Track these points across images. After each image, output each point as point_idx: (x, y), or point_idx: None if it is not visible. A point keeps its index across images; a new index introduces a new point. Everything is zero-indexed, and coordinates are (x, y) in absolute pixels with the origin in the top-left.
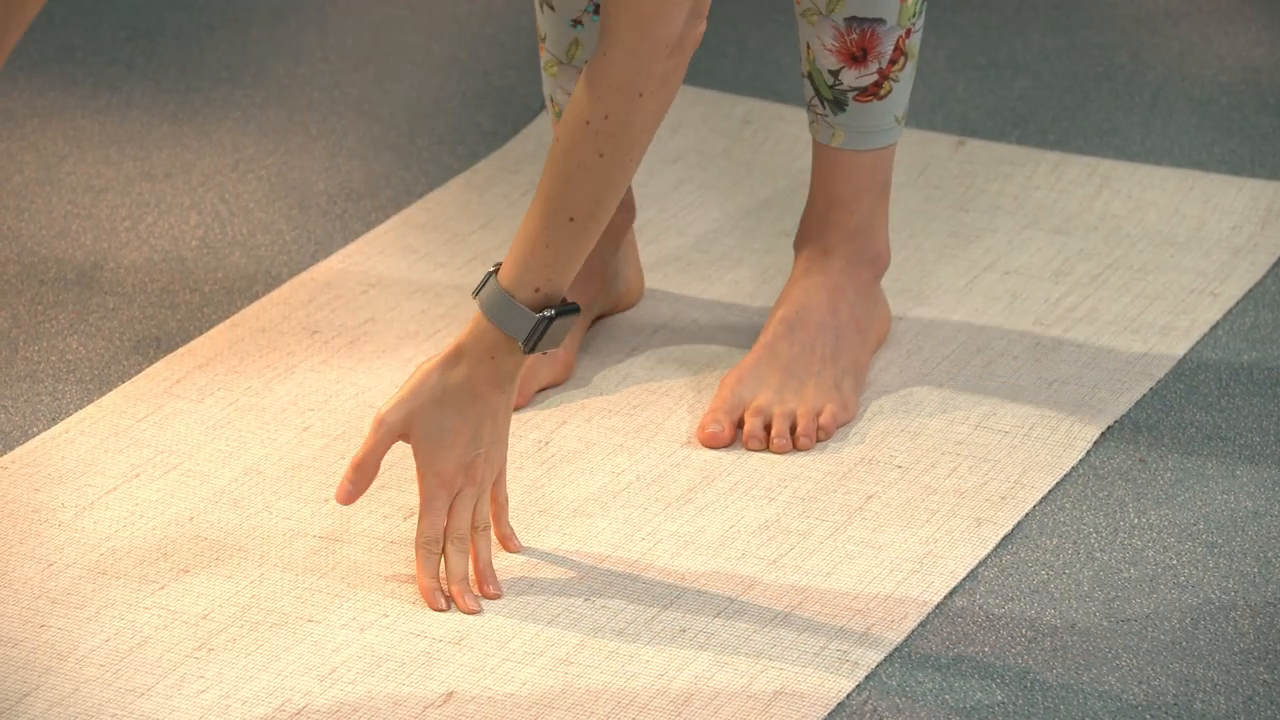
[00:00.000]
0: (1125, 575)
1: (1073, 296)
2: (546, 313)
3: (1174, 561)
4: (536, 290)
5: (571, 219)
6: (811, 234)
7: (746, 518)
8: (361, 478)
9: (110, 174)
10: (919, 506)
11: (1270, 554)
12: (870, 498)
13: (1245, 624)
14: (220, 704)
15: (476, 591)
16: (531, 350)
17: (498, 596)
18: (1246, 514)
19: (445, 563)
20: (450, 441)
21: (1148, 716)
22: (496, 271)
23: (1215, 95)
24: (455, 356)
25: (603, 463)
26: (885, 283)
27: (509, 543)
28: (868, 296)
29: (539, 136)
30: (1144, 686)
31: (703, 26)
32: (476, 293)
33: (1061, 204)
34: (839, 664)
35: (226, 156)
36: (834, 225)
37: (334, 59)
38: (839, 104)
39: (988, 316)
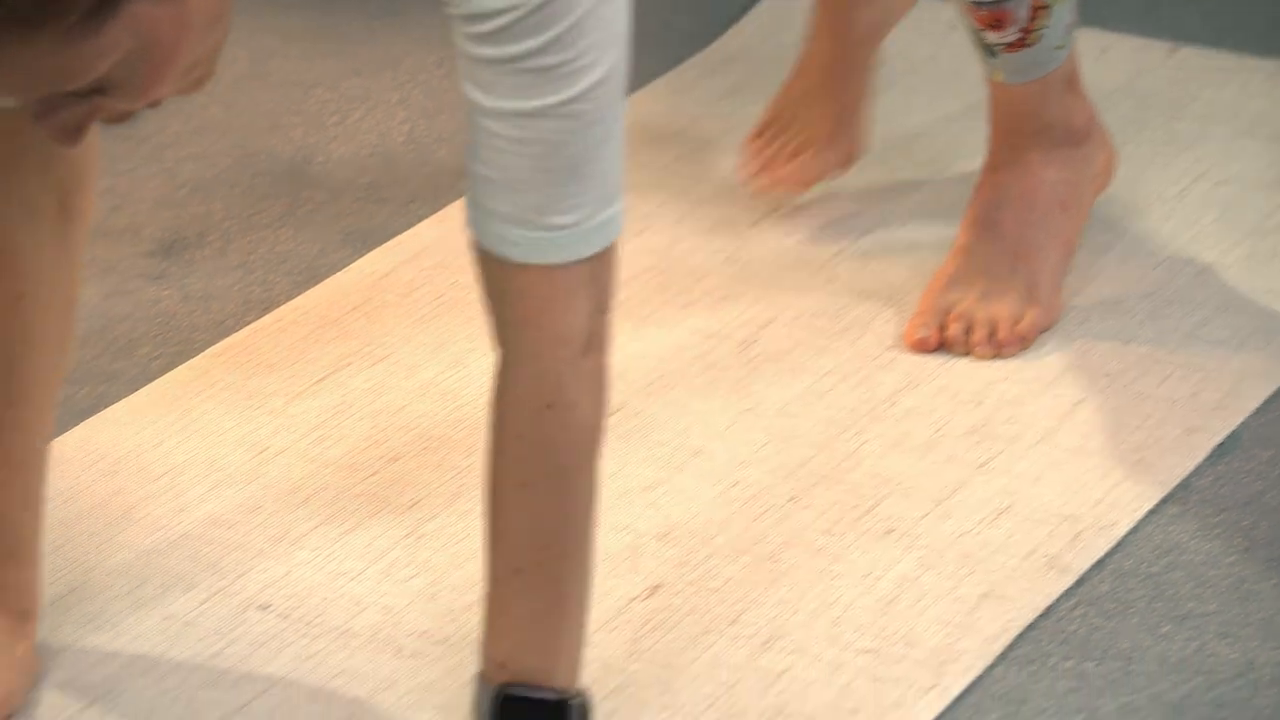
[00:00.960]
0: None
1: None
2: (503, 688)
3: None
4: (502, 665)
5: (517, 570)
6: (999, 129)
7: (953, 422)
8: None
9: (318, 70)
10: (1129, 414)
11: None
12: (1079, 404)
13: None
14: (428, 590)
15: None
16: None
17: None
18: None
19: None
20: None
21: None
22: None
23: None
24: None
25: (808, 363)
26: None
27: None
28: (1068, 167)
29: (743, 36)
30: None
31: (610, 319)
32: None
33: (1277, 112)
34: (1047, 569)
35: (432, 53)
36: (1019, 124)
37: None
38: (990, 52)
39: (1200, 226)
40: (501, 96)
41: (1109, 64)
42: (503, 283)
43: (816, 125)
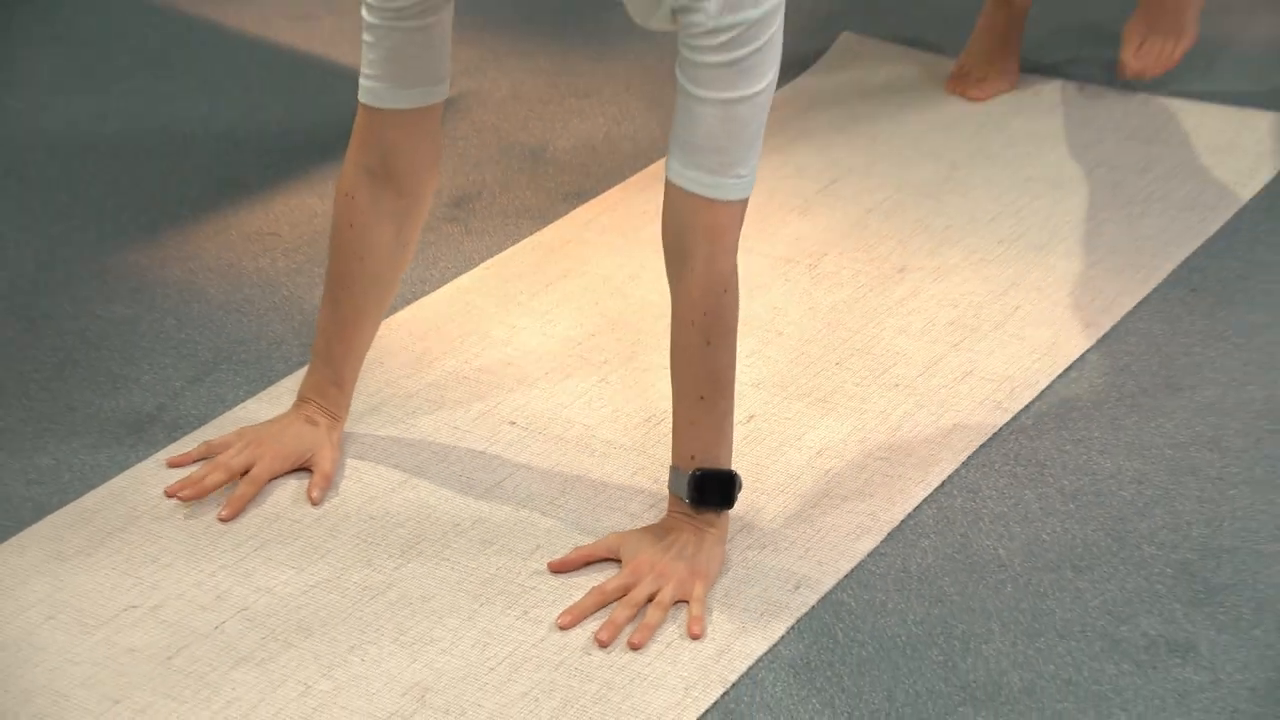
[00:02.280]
0: None
1: None
2: (696, 471)
3: None
4: (692, 458)
5: (701, 397)
6: None
7: (938, 316)
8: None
9: (552, 91)
10: (1046, 317)
11: None
12: (1018, 308)
13: None
14: (611, 416)
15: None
16: (697, 505)
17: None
18: None
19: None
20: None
21: None
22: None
23: None
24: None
25: (848, 280)
26: None
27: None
28: None
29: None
30: None
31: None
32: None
33: None
34: (994, 409)
35: (621, 83)
36: None
37: None
38: None
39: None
40: (713, 89)
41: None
42: (696, 213)
43: (994, 67)
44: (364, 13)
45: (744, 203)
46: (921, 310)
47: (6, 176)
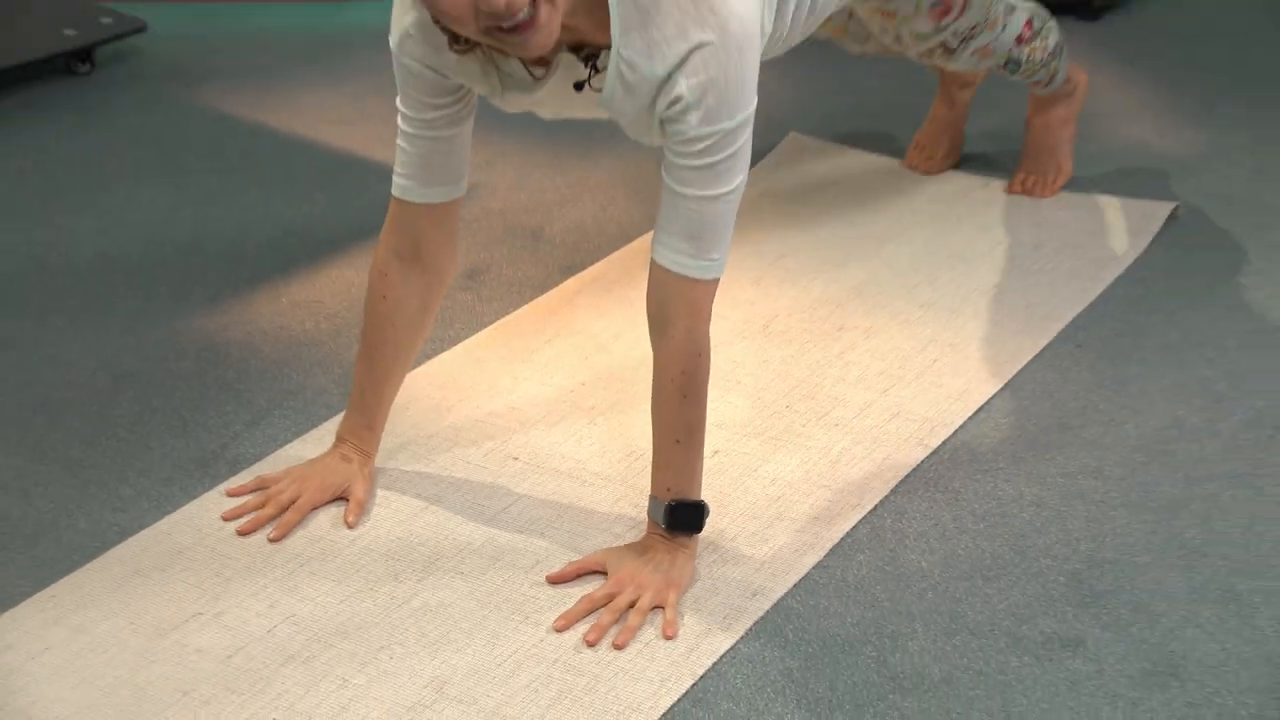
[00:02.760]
0: None
1: None
2: (671, 502)
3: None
4: (668, 490)
5: (677, 441)
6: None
7: (870, 366)
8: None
9: (549, 183)
10: (958, 370)
11: None
12: (935, 360)
13: None
14: (599, 450)
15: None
16: (672, 529)
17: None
18: None
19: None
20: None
21: None
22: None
23: None
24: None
25: (799, 339)
26: None
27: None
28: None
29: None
30: None
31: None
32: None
33: None
34: (916, 445)
35: (607, 177)
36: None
37: None
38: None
39: None
40: (693, 188)
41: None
42: (678, 289)
43: (940, 148)
44: (400, 121)
45: (717, 281)
46: (856, 362)
47: (97, 258)
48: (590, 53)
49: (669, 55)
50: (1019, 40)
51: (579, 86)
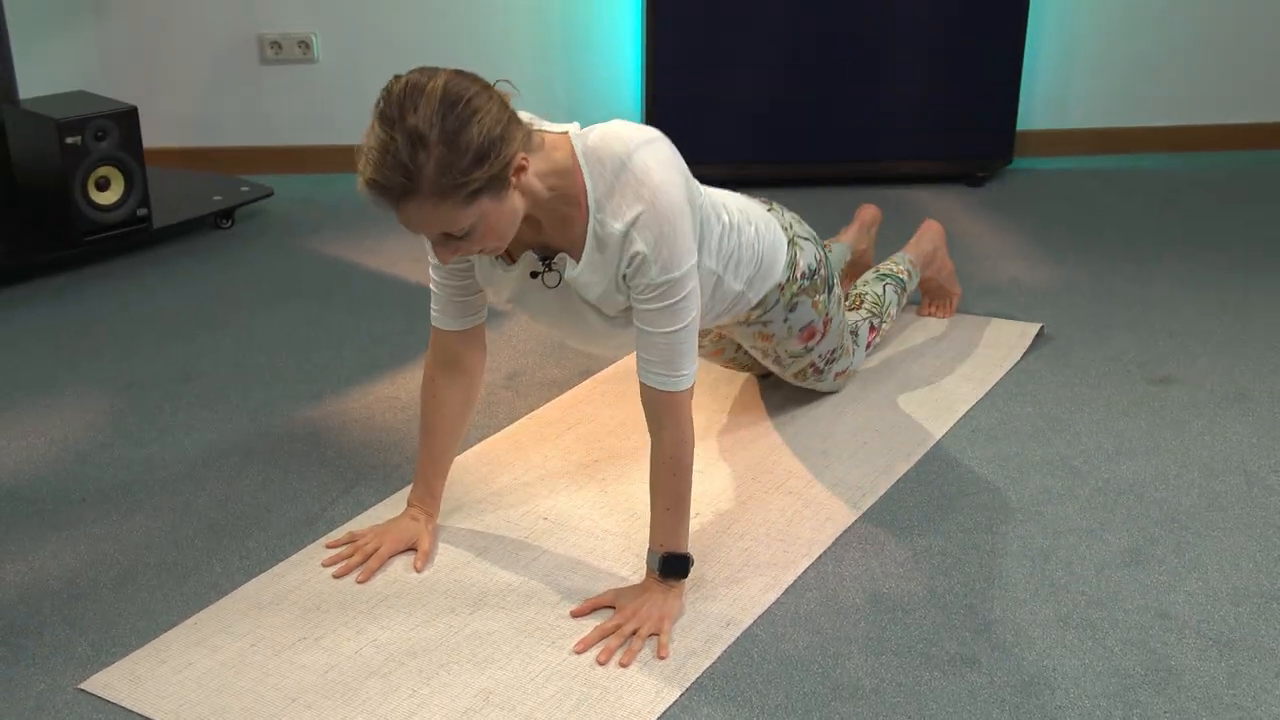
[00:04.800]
0: None
1: None
2: (664, 553)
3: None
4: (661, 545)
5: (668, 508)
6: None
7: (796, 471)
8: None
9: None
10: (862, 463)
11: None
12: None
13: None
14: (606, 507)
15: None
16: (664, 576)
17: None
18: None
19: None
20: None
21: None
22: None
23: None
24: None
25: (746, 456)
26: None
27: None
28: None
29: None
30: None
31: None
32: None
33: None
34: (824, 522)
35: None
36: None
37: None
38: None
39: None
40: (659, 326)
41: None
42: (660, 399)
43: (940, 300)
44: (430, 271)
45: (691, 389)
46: (805, 445)
47: (233, 365)
48: (546, 255)
49: (626, 216)
50: (868, 345)
51: (534, 275)
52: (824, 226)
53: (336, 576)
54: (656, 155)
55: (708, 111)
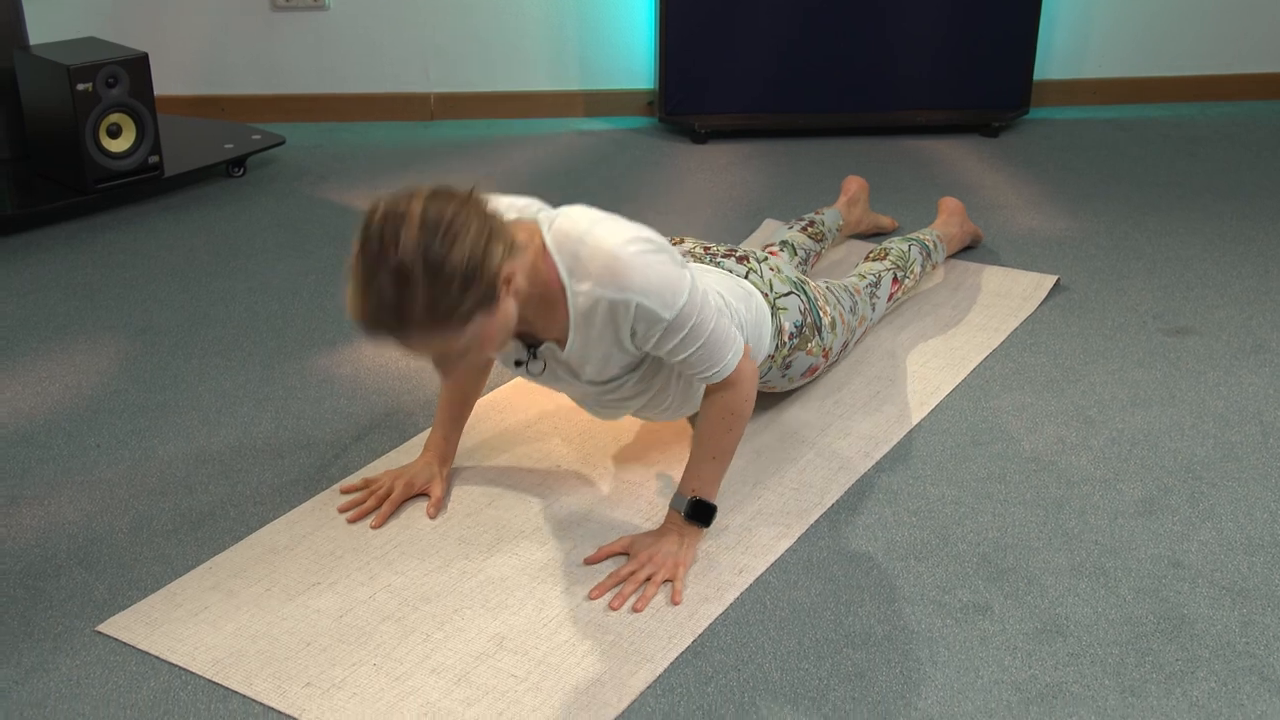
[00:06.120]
0: None
1: None
2: (694, 498)
3: None
4: (694, 491)
5: (713, 458)
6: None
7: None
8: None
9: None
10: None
11: None
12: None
13: None
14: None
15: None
16: (689, 519)
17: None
18: None
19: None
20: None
21: None
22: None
23: None
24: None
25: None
26: None
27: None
28: None
29: None
30: None
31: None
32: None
33: None
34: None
35: None
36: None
37: None
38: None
39: None
40: (687, 348)
41: None
42: (719, 384)
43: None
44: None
45: (740, 356)
46: (816, 395)
47: (245, 311)
48: (532, 342)
49: (596, 276)
50: (890, 297)
51: (518, 364)
52: (838, 176)
53: (351, 521)
54: (617, 220)
55: (722, 62)
